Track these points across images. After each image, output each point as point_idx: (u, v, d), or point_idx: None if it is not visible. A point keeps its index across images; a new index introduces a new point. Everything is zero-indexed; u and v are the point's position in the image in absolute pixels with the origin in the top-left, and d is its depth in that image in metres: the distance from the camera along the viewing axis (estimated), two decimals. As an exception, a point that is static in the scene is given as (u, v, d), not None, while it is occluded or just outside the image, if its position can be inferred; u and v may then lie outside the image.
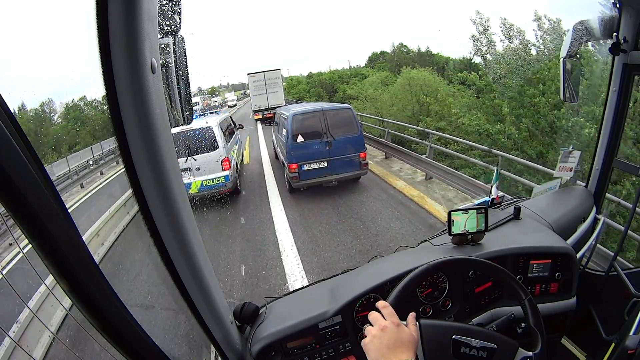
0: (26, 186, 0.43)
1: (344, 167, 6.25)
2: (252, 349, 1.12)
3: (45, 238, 0.47)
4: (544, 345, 0.94)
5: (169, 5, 0.61)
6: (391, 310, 0.81)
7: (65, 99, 14.05)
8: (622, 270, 1.55)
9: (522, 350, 0.91)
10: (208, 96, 52.64)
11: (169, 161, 0.63)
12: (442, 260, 1.04)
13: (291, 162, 6.09)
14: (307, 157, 6.07)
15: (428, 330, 0.88)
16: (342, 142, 6.15)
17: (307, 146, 6.06)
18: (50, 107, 12.74)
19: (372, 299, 1.22)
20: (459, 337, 0.88)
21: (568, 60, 1.52)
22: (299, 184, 6.18)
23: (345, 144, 6.17)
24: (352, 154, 6.23)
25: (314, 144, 6.08)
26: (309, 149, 6.07)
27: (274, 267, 4.40)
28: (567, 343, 1.69)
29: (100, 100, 14.08)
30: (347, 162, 6.24)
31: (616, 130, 1.63)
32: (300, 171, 6.11)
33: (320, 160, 6.15)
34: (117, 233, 5.74)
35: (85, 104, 14.52)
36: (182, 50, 0.65)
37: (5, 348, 2.89)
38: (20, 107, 7.41)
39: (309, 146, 6.07)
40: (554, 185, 1.91)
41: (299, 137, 6.06)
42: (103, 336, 0.59)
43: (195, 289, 0.80)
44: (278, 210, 6.08)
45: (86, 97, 14.27)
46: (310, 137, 6.09)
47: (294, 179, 6.13)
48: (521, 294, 1.00)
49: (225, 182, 6.27)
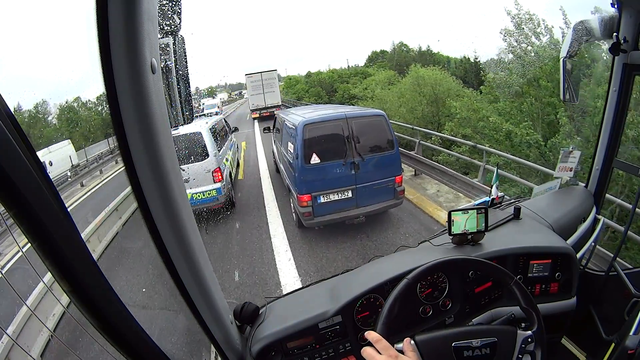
0: (26, 186, 0.43)
1: (375, 197, 4.58)
2: (252, 349, 1.12)
3: (45, 238, 0.47)
4: (540, 322, 0.96)
5: (169, 5, 0.61)
6: (385, 343, 0.79)
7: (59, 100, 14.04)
8: (622, 270, 1.55)
9: (521, 332, 0.93)
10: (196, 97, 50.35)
11: (169, 161, 0.63)
12: (418, 271, 1.01)
13: (302, 192, 4.38)
14: (324, 185, 4.37)
15: (427, 347, 0.87)
16: (374, 163, 4.48)
17: (326, 170, 4.33)
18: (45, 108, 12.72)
19: (372, 299, 1.22)
20: (459, 342, 0.89)
21: (568, 60, 1.52)
22: (313, 222, 4.51)
23: (378, 165, 4.51)
24: (385, 178, 4.56)
25: (335, 167, 4.35)
26: (328, 173, 4.35)
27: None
28: (567, 343, 1.69)
29: (94, 101, 14.05)
30: (378, 190, 4.57)
31: (616, 130, 1.63)
32: (314, 205, 4.41)
33: (343, 189, 4.45)
34: (115, 232, 5.76)
35: (79, 105, 14.52)
36: (182, 50, 0.65)
37: (3, 346, 2.89)
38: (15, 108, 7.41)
39: (327, 170, 4.34)
40: (554, 185, 1.91)
41: (313, 156, 4.30)
42: (103, 336, 0.59)
43: (195, 289, 0.80)
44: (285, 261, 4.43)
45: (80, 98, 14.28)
46: (329, 156, 4.34)
47: (306, 215, 4.44)
48: (506, 279, 1.01)
49: (217, 196, 5.56)
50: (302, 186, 4.40)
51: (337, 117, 4.46)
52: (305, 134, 4.29)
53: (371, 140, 4.53)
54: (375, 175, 4.52)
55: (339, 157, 4.37)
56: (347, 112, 4.60)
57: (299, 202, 4.49)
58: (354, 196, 4.51)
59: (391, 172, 4.60)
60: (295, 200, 4.64)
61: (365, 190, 4.52)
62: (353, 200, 4.52)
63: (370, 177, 4.50)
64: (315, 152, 4.31)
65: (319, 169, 4.34)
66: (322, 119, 4.47)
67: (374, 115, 4.68)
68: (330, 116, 4.55)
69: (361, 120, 4.52)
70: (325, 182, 4.38)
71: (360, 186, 4.48)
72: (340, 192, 4.47)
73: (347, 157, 4.36)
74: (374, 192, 4.57)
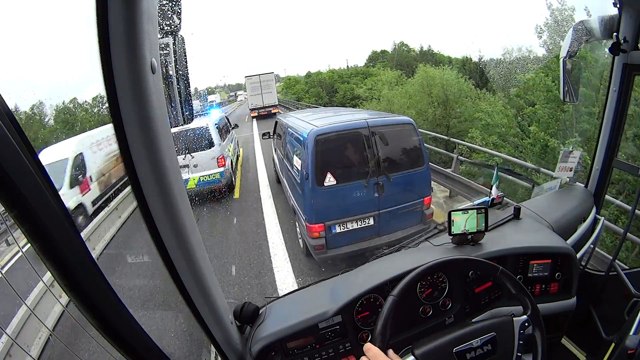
0: (26, 186, 0.43)
1: (400, 223, 3.74)
2: (252, 349, 1.12)
3: (45, 238, 0.47)
4: (533, 304, 0.97)
5: (169, 5, 0.61)
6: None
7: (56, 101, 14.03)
8: (622, 271, 1.55)
9: (517, 319, 0.95)
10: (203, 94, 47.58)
11: (169, 161, 0.62)
12: (403, 283, 0.99)
13: (313, 221, 3.51)
14: (341, 212, 3.51)
15: (427, 359, 0.88)
16: (401, 183, 3.62)
17: (343, 193, 3.46)
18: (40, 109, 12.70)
19: (372, 299, 1.22)
20: (459, 347, 0.89)
21: (568, 60, 1.52)
22: (326, 257, 3.63)
23: (405, 185, 3.65)
24: (413, 201, 3.72)
25: (355, 189, 3.48)
26: (347, 197, 3.47)
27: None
28: (567, 343, 1.69)
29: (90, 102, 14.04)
30: (404, 215, 3.73)
31: (616, 130, 1.63)
32: (328, 236, 3.53)
33: (364, 216, 3.57)
34: (114, 232, 5.76)
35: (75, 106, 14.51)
36: (182, 50, 0.65)
37: (3, 345, 2.90)
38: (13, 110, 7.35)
39: (345, 193, 3.46)
40: (554, 185, 1.91)
41: (328, 177, 3.41)
42: (103, 336, 0.59)
43: (195, 289, 0.80)
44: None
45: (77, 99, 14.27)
46: (348, 176, 3.47)
47: (317, 248, 3.55)
48: (492, 270, 1.01)
49: (220, 178, 6.57)
50: (312, 214, 3.51)
51: (357, 125, 3.51)
52: (317, 147, 3.37)
53: (398, 155, 3.65)
54: (402, 197, 3.67)
55: (360, 177, 3.49)
56: (369, 119, 3.63)
57: (309, 233, 3.59)
58: (376, 223, 3.64)
59: (420, 192, 3.76)
60: (304, 229, 3.73)
61: (389, 216, 3.66)
62: (375, 229, 3.67)
63: (396, 200, 3.64)
64: (331, 171, 3.42)
65: (335, 192, 3.44)
66: (338, 129, 3.50)
67: (402, 124, 3.72)
68: (348, 125, 3.57)
69: (387, 129, 3.58)
70: (342, 209, 3.51)
71: (383, 212, 3.61)
72: (360, 219, 3.59)
73: (369, 176, 3.49)
74: (399, 217, 3.72)
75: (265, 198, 6.68)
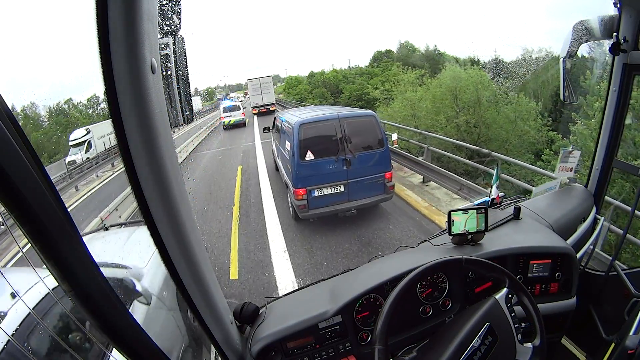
0: (26, 186, 0.43)
1: (366, 191, 5.00)
2: (252, 349, 1.12)
3: (46, 238, 0.47)
4: (507, 274, 0.99)
5: (169, 5, 0.61)
6: None
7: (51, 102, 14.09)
8: (622, 270, 1.55)
9: (499, 295, 0.97)
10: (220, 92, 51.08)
11: (169, 161, 0.62)
12: (393, 296, 0.97)
13: (298, 186, 4.79)
14: (318, 179, 4.79)
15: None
16: (364, 160, 4.89)
17: (319, 165, 4.76)
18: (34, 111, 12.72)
19: (372, 299, 1.22)
20: (464, 355, 0.89)
21: (568, 60, 1.52)
22: (308, 215, 4.92)
23: (368, 161, 4.92)
24: (375, 174, 4.98)
25: (328, 163, 4.77)
26: (322, 169, 4.77)
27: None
28: (567, 343, 1.69)
29: (85, 103, 14.12)
30: (369, 185, 4.98)
31: (616, 130, 1.63)
32: (309, 198, 4.81)
33: (335, 183, 4.85)
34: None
35: (70, 107, 14.58)
36: (182, 50, 0.65)
37: (2, 345, 2.88)
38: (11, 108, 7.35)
39: (321, 165, 4.76)
40: (553, 185, 1.91)
41: (308, 153, 4.72)
42: (103, 336, 0.59)
43: (195, 289, 0.80)
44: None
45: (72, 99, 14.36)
46: (323, 153, 4.76)
47: (301, 207, 4.85)
48: (455, 264, 1.04)
49: (243, 119, 20.35)
50: (297, 181, 4.79)
51: (330, 116, 4.93)
52: (301, 133, 4.72)
53: (362, 139, 4.93)
54: (365, 171, 4.91)
55: (332, 154, 4.78)
56: (340, 112, 5.07)
57: (295, 196, 4.86)
58: (346, 190, 4.94)
59: (381, 168, 4.99)
60: (292, 194, 5.01)
61: (357, 185, 4.92)
62: (345, 195, 4.95)
63: (361, 173, 4.89)
64: (311, 149, 4.74)
65: (314, 164, 4.75)
66: (316, 119, 4.93)
67: (365, 116, 5.16)
68: (323, 116, 5.02)
69: (353, 119, 4.96)
70: (319, 177, 4.80)
71: (352, 181, 4.90)
72: (333, 186, 4.89)
73: (339, 154, 4.78)
74: (365, 186, 4.97)
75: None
